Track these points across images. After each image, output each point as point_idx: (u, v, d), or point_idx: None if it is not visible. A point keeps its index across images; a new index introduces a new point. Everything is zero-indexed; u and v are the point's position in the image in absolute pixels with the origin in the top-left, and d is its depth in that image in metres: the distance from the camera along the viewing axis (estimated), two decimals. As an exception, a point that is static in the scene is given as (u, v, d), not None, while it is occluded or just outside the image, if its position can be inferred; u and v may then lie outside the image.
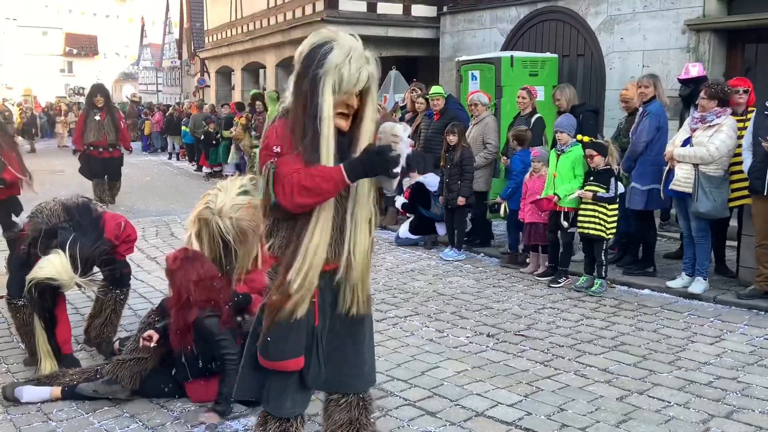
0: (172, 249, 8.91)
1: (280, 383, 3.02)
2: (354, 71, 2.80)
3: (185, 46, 36.80)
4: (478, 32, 13.97)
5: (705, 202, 6.53)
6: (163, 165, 21.66)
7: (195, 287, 4.30)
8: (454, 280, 7.59)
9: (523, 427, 4.14)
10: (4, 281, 5.21)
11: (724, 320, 6.14)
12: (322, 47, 2.82)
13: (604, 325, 6.06)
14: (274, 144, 2.88)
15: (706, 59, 9.91)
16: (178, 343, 4.36)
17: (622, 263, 7.77)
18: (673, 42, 10.41)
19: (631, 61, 10.91)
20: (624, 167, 7.39)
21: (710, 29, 10.02)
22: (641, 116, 7.34)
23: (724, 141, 6.45)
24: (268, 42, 18.73)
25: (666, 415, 4.29)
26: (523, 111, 8.56)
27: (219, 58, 24.21)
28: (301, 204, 2.81)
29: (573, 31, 11.96)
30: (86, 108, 11.80)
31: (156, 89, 50.95)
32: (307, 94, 2.84)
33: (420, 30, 15.75)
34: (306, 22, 16.14)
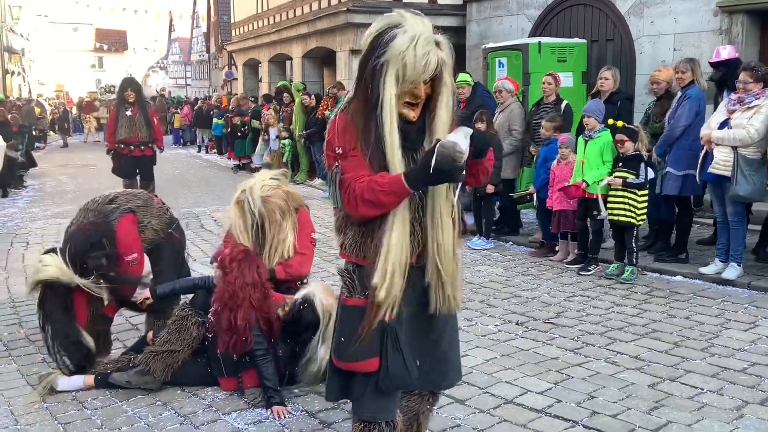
0: (203, 240, 9.07)
1: (361, 385, 2.88)
2: (420, 58, 2.57)
3: (213, 40, 37.07)
4: (505, 19, 13.88)
5: (744, 186, 6.45)
6: (193, 158, 21.86)
7: (251, 289, 4.32)
8: (482, 269, 7.57)
9: (553, 414, 4.13)
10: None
11: (758, 306, 6.06)
12: (386, 33, 2.62)
13: (635, 312, 6.01)
14: (336, 144, 2.72)
15: (740, 41, 9.76)
16: (225, 342, 4.32)
17: (653, 250, 7.70)
18: (705, 24, 10.25)
19: (662, 45, 10.77)
20: (658, 152, 7.31)
21: (743, 10, 9.86)
22: (680, 101, 7.24)
23: (763, 122, 6.36)
24: (293, 33, 18.78)
25: (699, 402, 4.25)
26: (548, 98, 8.50)
27: (246, 51, 24.33)
28: (365, 215, 2.69)
29: (602, 16, 11.84)
30: (117, 103, 11.54)
31: (185, 83, 51.38)
32: (369, 84, 2.67)
33: (446, 18, 15.66)
34: (331, 12, 16.15)
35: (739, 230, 6.76)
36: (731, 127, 6.49)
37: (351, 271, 2.88)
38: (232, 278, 4.32)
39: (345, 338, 2.84)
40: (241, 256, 4.42)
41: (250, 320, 4.28)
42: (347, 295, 2.88)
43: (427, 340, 2.97)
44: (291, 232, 4.86)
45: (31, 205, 12.60)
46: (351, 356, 2.82)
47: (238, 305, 4.26)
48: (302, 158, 14.78)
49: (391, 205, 2.64)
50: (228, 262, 4.39)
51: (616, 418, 4.05)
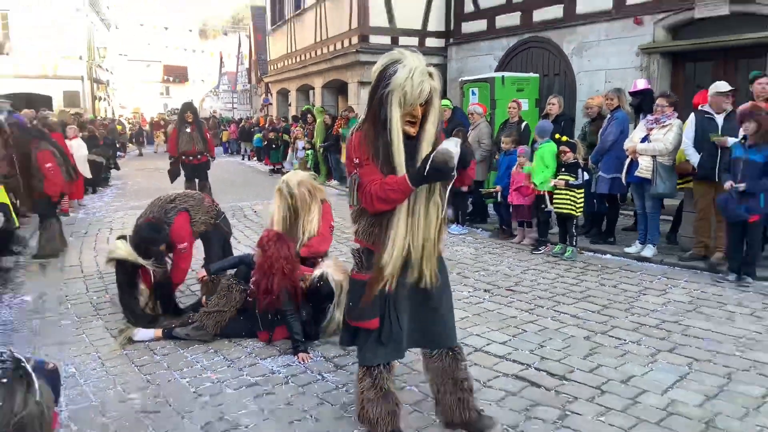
0: (245, 227, 9.06)
1: (364, 337, 2.90)
2: (416, 87, 2.57)
3: (253, 73, 36.86)
4: (478, 57, 13.81)
5: (662, 185, 6.46)
6: (238, 164, 21.78)
7: (284, 261, 4.34)
8: (458, 249, 7.56)
9: (511, 359, 4.14)
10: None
11: (669, 277, 6.06)
12: (390, 68, 2.62)
13: (574, 282, 6.01)
14: (354, 155, 2.72)
15: (656, 76, 9.72)
16: (263, 301, 4.35)
17: (589, 235, 7.69)
18: (629, 63, 10.20)
19: (596, 78, 10.72)
20: (592, 160, 7.32)
21: (659, 52, 9.81)
22: (609, 121, 7.24)
23: (674, 137, 6.38)
24: (315, 69, 18.68)
25: (623, 350, 4.26)
26: (512, 118, 8.48)
27: (279, 82, 24.20)
28: (379, 210, 2.68)
29: (551, 56, 11.78)
30: (178, 122, 11.39)
31: (232, 107, 51.20)
32: (377, 108, 2.65)
33: (432, 57, 15.54)
34: (344, 53, 16.07)
35: (655, 220, 6.76)
36: (650, 141, 6.48)
37: (361, 253, 2.90)
38: (270, 253, 4.36)
39: (353, 303, 2.88)
40: (276, 237, 4.46)
41: (282, 285, 4.31)
42: (357, 271, 2.92)
43: (427, 307, 2.96)
44: (317, 216, 4.95)
45: (114, 199, 12.58)
46: (358, 317, 2.85)
47: (273, 273, 4.32)
48: (321, 165, 14.74)
49: (398, 200, 2.64)
50: (266, 242, 4.43)
51: (559, 363, 4.06)
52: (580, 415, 3.34)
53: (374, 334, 2.86)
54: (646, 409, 3.39)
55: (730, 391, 3.60)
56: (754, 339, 4.41)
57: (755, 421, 3.25)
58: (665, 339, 4.44)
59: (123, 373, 4.00)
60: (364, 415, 2.96)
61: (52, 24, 25.92)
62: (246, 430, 3.24)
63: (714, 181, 6.09)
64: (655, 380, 3.75)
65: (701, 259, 6.34)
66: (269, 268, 4.33)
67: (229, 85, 52.91)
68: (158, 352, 4.33)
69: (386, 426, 2.92)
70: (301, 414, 3.41)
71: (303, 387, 3.76)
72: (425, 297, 2.94)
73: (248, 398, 3.61)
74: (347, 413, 3.40)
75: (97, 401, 3.60)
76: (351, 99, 16.29)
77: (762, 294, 5.44)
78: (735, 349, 4.23)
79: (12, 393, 1.07)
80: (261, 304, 4.38)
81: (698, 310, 5.07)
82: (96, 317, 5.14)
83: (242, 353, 4.31)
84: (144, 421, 3.35)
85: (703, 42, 9.24)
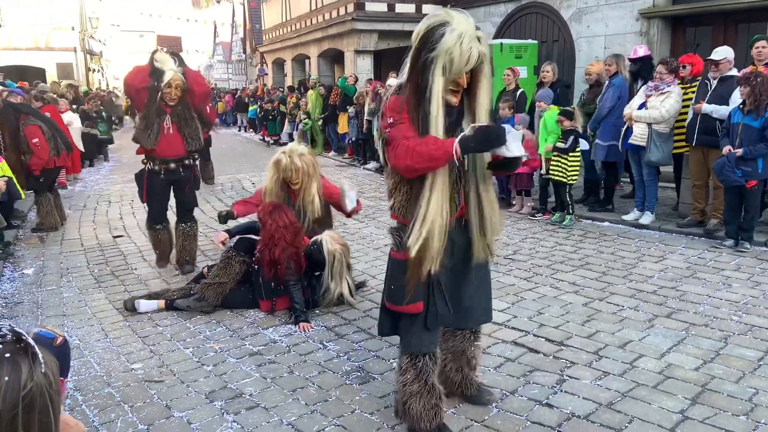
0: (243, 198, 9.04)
1: (407, 324, 2.68)
2: (465, 54, 2.36)
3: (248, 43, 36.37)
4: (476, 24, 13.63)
5: (656, 153, 6.43)
6: (234, 136, 21.65)
7: (284, 231, 4.34)
8: (457, 218, 7.56)
9: (510, 326, 4.18)
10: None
11: (666, 244, 6.09)
12: (436, 30, 2.39)
13: (573, 249, 6.04)
14: (389, 116, 2.52)
15: (656, 41, 9.61)
16: (269, 273, 4.38)
17: (587, 202, 7.70)
18: (629, 28, 10.08)
19: (595, 44, 10.60)
20: (590, 127, 7.28)
21: (659, 16, 9.69)
22: (607, 88, 7.18)
23: (672, 105, 6.33)
24: (311, 38, 18.44)
25: (620, 316, 4.31)
26: (508, 86, 8.39)
27: (274, 52, 23.90)
28: (412, 167, 2.43)
29: (549, 22, 11.62)
30: None
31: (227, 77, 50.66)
32: (419, 74, 2.44)
33: (429, 24, 15.39)
34: (339, 21, 15.83)
35: (652, 187, 6.76)
36: (648, 108, 6.44)
37: (398, 230, 2.67)
38: (269, 226, 4.35)
39: (395, 286, 2.64)
40: (271, 208, 4.45)
41: (285, 254, 4.33)
42: (396, 249, 2.67)
43: (465, 286, 2.83)
44: (317, 195, 4.81)
45: (112, 172, 12.55)
46: (400, 300, 2.62)
47: (275, 244, 4.33)
48: (318, 136, 14.67)
49: (438, 161, 2.40)
50: (263, 216, 4.42)
51: (558, 329, 4.10)
52: (577, 380, 3.38)
53: (419, 319, 2.65)
54: (643, 373, 3.44)
55: (726, 354, 3.65)
56: (750, 303, 4.45)
57: (750, 383, 3.30)
58: (662, 304, 4.48)
59: (126, 344, 4.03)
60: (407, 411, 2.77)
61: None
62: (249, 398, 3.29)
63: (692, 145, 6.20)
64: (652, 345, 3.80)
65: (699, 225, 6.36)
66: (270, 240, 4.34)
67: (224, 55, 52.28)
68: (161, 324, 4.37)
69: (431, 422, 2.75)
70: (304, 382, 3.46)
71: (305, 356, 3.80)
72: (465, 273, 2.80)
73: (251, 367, 3.65)
74: (349, 381, 3.45)
75: (102, 371, 3.64)
76: (348, 68, 16.10)
77: (759, 259, 5.48)
78: (731, 313, 4.28)
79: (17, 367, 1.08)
80: (267, 273, 4.40)
81: (695, 276, 5.10)
82: (98, 289, 5.17)
83: (244, 323, 4.35)
84: (149, 390, 3.39)
85: (702, 6, 9.12)
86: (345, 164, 12.82)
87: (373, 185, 10.16)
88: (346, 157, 13.43)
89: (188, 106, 5.25)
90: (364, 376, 3.51)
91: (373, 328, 4.17)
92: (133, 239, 6.87)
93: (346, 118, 12.81)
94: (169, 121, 5.18)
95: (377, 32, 15.33)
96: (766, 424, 2.90)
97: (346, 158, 13.30)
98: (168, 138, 5.19)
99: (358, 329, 4.20)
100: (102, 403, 3.27)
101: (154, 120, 5.11)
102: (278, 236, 4.33)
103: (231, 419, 3.08)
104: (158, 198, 5.47)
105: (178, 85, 5.09)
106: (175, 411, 3.17)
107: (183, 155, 5.35)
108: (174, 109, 5.18)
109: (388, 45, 15.75)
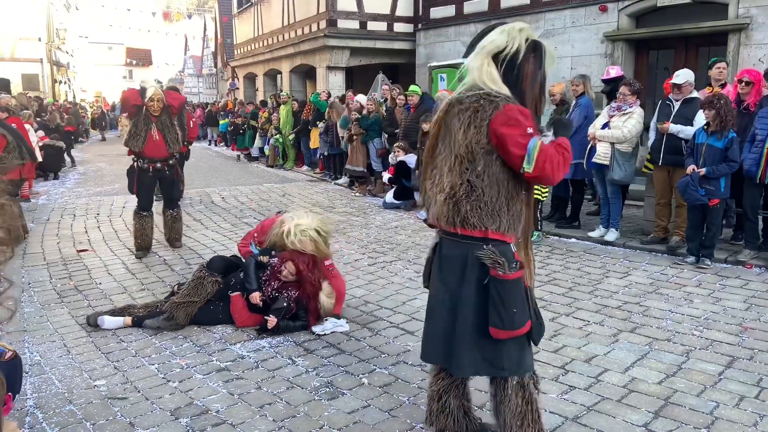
0: (212, 213, 8.96)
1: (520, 345, 2.51)
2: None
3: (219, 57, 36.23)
4: (445, 44, 13.84)
5: (619, 171, 6.58)
6: (204, 150, 21.45)
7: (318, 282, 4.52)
8: (427, 234, 7.60)
9: (479, 341, 4.20)
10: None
11: (630, 260, 6.21)
12: (536, 45, 2.51)
13: (540, 265, 6.10)
14: (527, 125, 2.36)
15: (620, 62, 9.88)
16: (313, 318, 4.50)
17: (554, 219, 7.82)
18: (594, 50, 10.36)
19: (562, 65, 10.85)
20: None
21: (623, 39, 9.98)
22: (574, 107, 7.34)
23: (634, 125, 6.50)
24: (283, 53, 18.47)
25: (586, 331, 4.37)
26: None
27: (246, 66, 23.86)
28: (558, 179, 2.44)
29: (518, 42, 11.86)
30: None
31: (198, 91, 50.28)
32: (533, 82, 2.48)
33: (400, 42, 15.56)
34: (312, 37, 15.92)
35: (616, 204, 6.91)
36: (611, 128, 6.61)
37: (503, 250, 2.46)
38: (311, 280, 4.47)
39: (517, 309, 2.43)
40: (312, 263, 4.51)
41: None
42: (505, 271, 2.42)
43: None
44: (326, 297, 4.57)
45: (77, 185, 12.30)
46: (524, 320, 2.46)
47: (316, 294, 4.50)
48: (289, 150, 14.64)
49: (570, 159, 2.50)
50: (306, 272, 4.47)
51: (525, 344, 4.14)
52: (545, 394, 3.40)
53: (525, 338, 2.52)
54: (608, 387, 3.50)
55: (687, 368, 3.73)
56: (711, 318, 4.56)
57: (711, 396, 3.38)
58: (627, 320, 4.57)
59: (89, 360, 3.94)
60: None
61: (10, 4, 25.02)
62: (216, 414, 3.24)
63: (659, 164, 6.35)
64: (616, 359, 3.86)
65: (661, 242, 6.51)
66: (312, 289, 4.47)
67: (195, 68, 51.91)
68: (125, 339, 4.28)
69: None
70: (272, 398, 3.42)
71: (273, 371, 3.76)
72: None
73: (218, 383, 3.60)
74: (318, 396, 3.43)
75: (64, 388, 3.54)
76: (320, 83, 16.17)
77: (719, 275, 5.63)
78: (693, 328, 4.38)
79: None
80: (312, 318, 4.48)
81: (658, 292, 5.21)
82: (60, 304, 5.05)
83: (211, 339, 4.29)
84: (112, 408, 3.31)
85: (665, 29, 9.43)
86: (316, 179, 12.81)
87: (344, 200, 10.17)
88: (317, 172, 13.42)
89: (170, 117, 6.41)
90: (333, 391, 3.49)
91: (343, 343, 4.16)
92: (98, 253, 6.73)
93: (317, 133, 12.82)
94: (154, 129, 6.29)
95: (349, 49, 15.44)
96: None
97: (317, 173, 13.30)
98: (154, 142, 6.29)
99: (328, 344, 4.18)
100: (63, 420, 3.19)
101: (143, 128, 6.25)
102: (317, 286, 4.48)
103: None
104: (146, 190, 6.56)
105: (159, 99, 6.25)
106: (139, 429, 3.10)
107: (167, 156, 6.44)
108: (158, 118, 6.30)
109: (360, 62, 15.88)
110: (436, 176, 2.55)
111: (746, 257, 5.95)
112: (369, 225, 8.12)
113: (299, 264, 4.46)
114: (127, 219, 8.60)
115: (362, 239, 7.32)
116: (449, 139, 2.49)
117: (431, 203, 2.58)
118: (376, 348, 4.07)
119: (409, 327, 4.47)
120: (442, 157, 2.52)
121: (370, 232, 7.65)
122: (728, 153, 5.64)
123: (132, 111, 6.25)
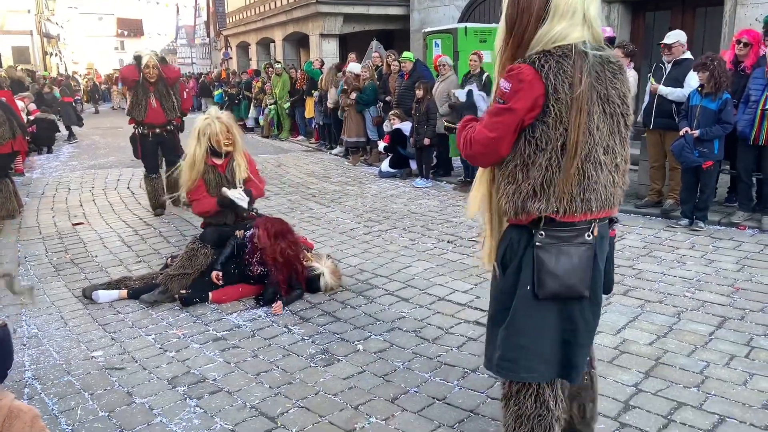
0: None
1: None
2: None
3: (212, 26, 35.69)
4: (440, 8, 13.62)
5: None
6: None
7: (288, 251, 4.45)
8: (423, 202, 7.62)
9: (473, 306, 4.24)
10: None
11: (624, 224, 6.20)
12: None
13: (535, 231, 6.11)
14: None
15: (616, 25, 9.74)
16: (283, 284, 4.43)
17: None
18: (590, 12, 10.20)
19: (558, 28, 10.70)
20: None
21: (619, 1, 9.82)
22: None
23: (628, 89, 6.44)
24: (275, 21, 18.20)
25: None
26: (474, 71, 8.44)
27: (238, 35, 23.53)
28: None
29: (513, 6, 11.68)
30: None
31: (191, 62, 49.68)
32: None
33: (394, 8, 15.31)
34: (304, 4, 15.66)
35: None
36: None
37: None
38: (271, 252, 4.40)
39: None
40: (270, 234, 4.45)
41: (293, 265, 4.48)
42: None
43: None
44: (242, 157, 4.79)
45: (71, 159, 12.23)
46: None
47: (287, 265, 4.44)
48: (284, 120, 14.52)
49: None
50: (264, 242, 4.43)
51: (519, 308, 4.17)
52: (537, 357, 3.45)
53: None
54: (600, 349, 3.53)
55: (679, 329, 3.77)
56: (703, 280, 4.59)
57: (702, 356, 3.42)
58: (619, 282, 4.57)
59: (86, 332, 3.97)
60: None
61: (-5, -25, 24.57)
62: (212, 383, 3.28)
63: (650, 128, 6.32)
64: (608, 322, 3.89)
65: (655, 206, 6.52)
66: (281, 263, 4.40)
67: (187, 39, 51.19)
68: (122, 311, 4.30)
69: None
70: (268, 366, 3.46)
71: (269, 340, 3.80)
72: None
73: (214, 352, 3.63)
74: (313, 363, 3.46)
75: (62, 360, 3.58)
76: (313, 52, 15.97)
77: (712, 237, 5.65)
78: (685, 290, 4.41)
79: None
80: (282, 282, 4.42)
81: (651, 255, 5.23)
82: (56, 277, 5.06)
83: (207, 309, 4.31)
84: (110, 378, 3.35)
85: (662, -9, 9.27)
86: (312, 149, 12.74)
87: (339, 170, 10.13)
88: (312, 141, 13.34)
89: (166, 86, 6.91)
90: (329, 358, 3.53)
91: (339, 311, 4.20)
92: (93, 226, 6.73)
93: (312, 103, 12.70)
94: (153, 97, 6.81)
95: (342, 15, 15.20)
96: (717, 395, 3.02)
97: (313, 143, 13.22)
98: (153, 110, 6.82)
99: (323, 312, 4.21)
100: (61, 391, 3.22)
101: (142, 97, 6.80)
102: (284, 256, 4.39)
103: (194, 404, 3.07)
104: (150, 155, 7.09)
105: (154, 65, 6.72)
106: (137, 397, 3.14)
107: (165, 122, 6.94)
108: (156, 87, 6.81)
109: (353, 28, 15.65)
110: (599, 153, 1.98)
111: (739, 219, 5.97)
112: (364, 194, 8.12)
113: (262, 232, 4.44)
114: (122, 192, 8.59)
115: (357, 208, 7.32)
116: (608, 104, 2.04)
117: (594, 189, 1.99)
118: (371, 315, 4.10)
119: (403, 294, 4.50)
120: (604, 127, 2.00)
121: (365, 201, 7.64)
122: (722, 115, 5.60)
123: (132, 85, 6.87)
